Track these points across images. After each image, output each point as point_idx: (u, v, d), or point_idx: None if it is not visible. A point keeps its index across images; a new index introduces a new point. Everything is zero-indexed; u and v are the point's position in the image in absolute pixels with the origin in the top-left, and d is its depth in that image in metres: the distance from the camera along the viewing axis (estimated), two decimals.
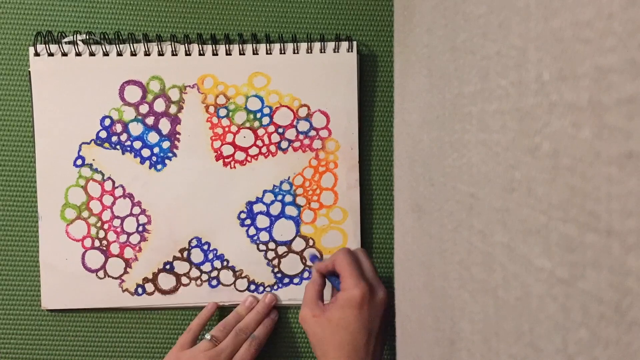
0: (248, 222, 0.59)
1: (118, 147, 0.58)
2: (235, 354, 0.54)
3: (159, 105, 0.58)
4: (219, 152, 0.58)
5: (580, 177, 0.20)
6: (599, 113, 0.19)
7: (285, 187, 0.59)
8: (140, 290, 0.58)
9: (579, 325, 0.20)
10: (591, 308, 0.20)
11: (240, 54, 0.57)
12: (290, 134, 0.58)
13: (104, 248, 0.58)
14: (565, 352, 0.21)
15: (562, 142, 0.21)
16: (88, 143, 0.57)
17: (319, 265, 0.54)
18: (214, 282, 0.59)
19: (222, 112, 0.58)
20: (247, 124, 0.58)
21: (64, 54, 0.57)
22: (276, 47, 0.57)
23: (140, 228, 0.58)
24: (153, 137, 0.58)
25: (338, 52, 0.58)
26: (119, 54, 0.57)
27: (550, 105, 0.22)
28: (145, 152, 0.58)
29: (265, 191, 0.59)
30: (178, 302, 0.59)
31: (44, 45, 0.56)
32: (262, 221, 0.59)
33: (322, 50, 0.57)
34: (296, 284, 0.59)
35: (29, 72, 0.57)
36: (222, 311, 0.60)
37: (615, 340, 0.18)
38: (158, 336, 0.60)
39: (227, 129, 0.58)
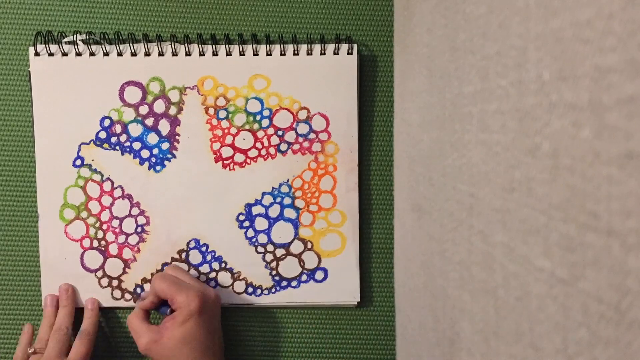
0: (247, 224, 0.59)
1: (117, 147, 0.58)
2: (70, 354, 0.54)
3: (159, 107, 0.58)
4: (218, 154, 0.58)
5: (580, 177, 0.20)
6: (599, 113, 0.19)
7: (284, 189, 0.59)
8: (138, 290, 0.58)
9: (579, 325, 0.21)
10: (591, 308, 0.20)
11: (240, 54, 0.57)
12: (290, 136, 0.58)
13: (103, 248, 0.58)
14: (565, 352, 0.21)
15: (562, 142, 0.21)
16: (87, 143, 0.57)
17: (144, 304, 0.54)
18: (212, 284, 0.59)
19: (222, 113, 0.58)
20: (247, 126, 0.58)
21: (64, 54, 0.57)
22: (276, 48, 0.57)
23: (139, 229, 0.58)
24: (152, 138, 0.58)
25: (338, 54, 0.58)
26: (119, 54, 0.57)
27: (550, 105, 0.22)
28: (145, 153, 0.58)
29: (264, 193, 0.59)
30: None
31: (44, 45, 0.56)
32: (261, 223, 0.59)
33: (322, 52, 0.57)
34: (294, 287, 0.59)
35: (29, 72, 0.57)
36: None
37: (615, 340, 0.18)
38: None
39: (226, 131, 0.58)
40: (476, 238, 0.31)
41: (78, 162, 0.57)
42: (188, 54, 0.57)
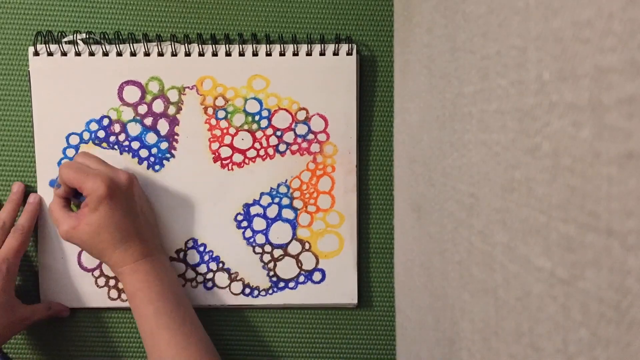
0: (245, 224, 0.59)
1: (116, 147, 0.58)
2: (3, 245, 0.53)
3: (158, 106, 0.58)
4: (216, 154, 0.58)
5: (580, 177, 0.20)
6: (599, 113, 0.19)
7: (283, 190, 0.59)
8: None
9: (579, 325, 0.21)
10: (591, 308, 0.20)
11: (240, 54, 0.57)
12: (289, 137, 0.58)
13: None
14: (565, 352, 0.22)
15: (562, 142, 0.21)
16: (86, 142, 0.57)
17: (59, 192, 0.54)
18: (209, 284, 0.59)
19: (221, 114, 0.58)
20: (246, 127, 0.58)
21: (64, 54, 0.57)
22: (276, 48, 0.58)
23: None
24: (151, 138, 0.58)
25: (338, 55, 0.58)
26: (119, 54, 0.57)
27: (550, 105, 0.22)
28: (143, 153, 0.58)
29: (262, 194, 0.59)
30: None
31: (43, 45, 0.56)
32: (259, 224, 0.59)
33: (322, 53, 0.58)
34: (292, 288, 0.59)
35: (29, 71, 0.57)
36: (216, 312, 0.60)
37: (616, 340, 0.18)
38: None
39: (225, 131, 0.58)
40: (476, 238, 0.32)
41: None
42: (187, 54, 0.57)
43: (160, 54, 0.57)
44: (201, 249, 0.59)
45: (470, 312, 0.33)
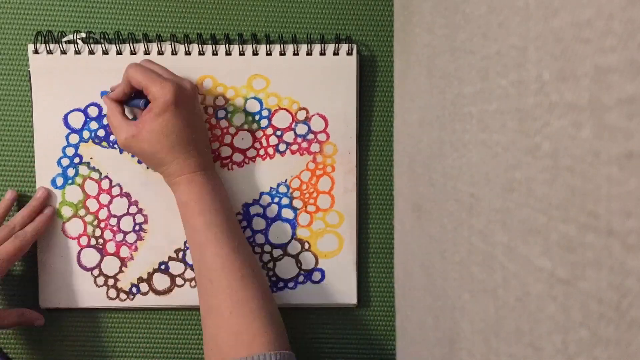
0: (244, 224, 0.59)
1: (116, 146, 0.58)
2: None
3: None
4: (216, 154, 0.58)
5: (580, 177, 0.20)
6: (599, 113, 0.19)
7: (282, 189, 0.59)
8: (134, 290, 0.58)
9: (579, 325, 0.21)
10: (591, 308, 0.20)
11: (240, 54, 0.57)
12: (288, 136, 0.59)
13: (100, 246, 0.58)
14: (566, 352, 0.22)
15: (562, 142, 0.21)
16: (86, 141, 0.57)
17: (116, 94, 0.54)
18: None
19: (221, 113, 0.58)
20: (246, 126, 0.58)
21: (64, 53, 0.57)
22: (276, 48, 0.58)
23: (137, 227, 0.58)
24: None
25: (338, 55, 0.58)
26: (119, 53, 0.57)
27: (550, 105, 0.22)
28: None
29: (262, 193, 0.59)
30: (172, 303, 0.59)
31: (44, 45, 0.56)
32: (258, 223, 0.59)
33: (322, 53, 0.58)
34: (291, 288, 0.59)
35: (29, 71, 0.57)
36: None
37: (616, 340, 0.18)
38: (151, 336, 0.60)
39: (225, 131, 0.58)
40: (476, 238, 0.32)
41: (77, 159, 0.58)
42: (188, 54, 0.57)
43: (160, 53, 0.57)
44: None
45: (470, 312, 0.33)
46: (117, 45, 0.57)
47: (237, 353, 0.46)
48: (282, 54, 0.57)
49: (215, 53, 0.57)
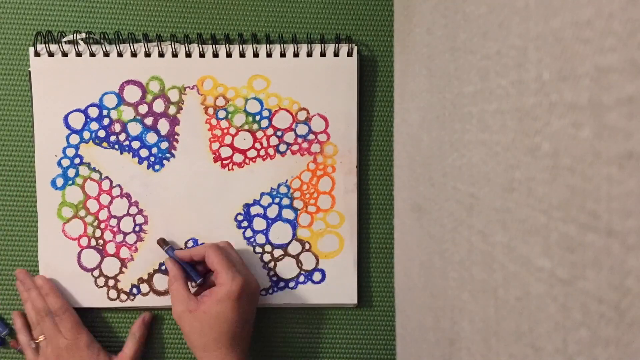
0: (245, 224, 0.59)
1: (116, 146, 0.58)
2: (47, 338, 0.55)
3: (158, 106, 0.58)
4: (217, 154, 0.58)
5: (580, 177, 0.20)
6: (599, 113, 0.19)
7: (283, 190, 0.59)
8: (135, 290, 0.58)
9: (579, 325, 0.21)
10: (591, 308, 0.20)
11: (240, 55, 0.57)
12: (289, 137, 0.59)
13: (100, 247, 0.58)
14: (565, 351, 0.22)
15: (562, 142, 0.21)
16: (86, 142, 0.57)
17: (182, 253, 0.55)
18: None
19: (221, 113, 0.58)
20: (246, 127, 0.58)
21: (64, 54, 0.57)
22: (276, 49, 0.58)
23: (137, 228, 0.58)
24: (152, 138, 0.58)
25: (338, 56, 0.58)
26: (119, 54, 0.57)
27: (550, 105, 0.22)
28: (144, 152, 0.58)
29: (262, 194, 0.59)
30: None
31: (44, 45, 0.56)
32: (259, 224, 0.59)
33: (322, 54, 0.58)
34: (292, 288, 0.59)
35: (29, 72, 0.57)
36: None
37: (615, 340, 0.18)
38: (152, 337, 0.60)
39: (225, 131, 0.58)
40: (476, 238, 0.32)
41: (77, 160, 0.58)
42: (188, 55, 0.57)
43: (161, 55, 0.57)
44: None
45: (470, 312, 0.33)
46: (117, 45, 0.57)
47: None
48: (283, 55, 0.57)
49: (215, 54, 0.57)
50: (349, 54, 0.57)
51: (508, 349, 0.27)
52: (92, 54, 0.57)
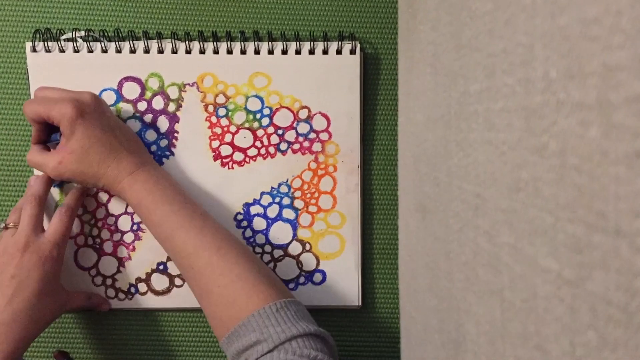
0: (245, 224, 0.59)
1: None
2: (49, 228, 0.53)
3: (158, 103, 0.58)
4: (217, 152, 0.58)
5: (587, 177, 0.20)
6: (607, 112, 0.19)
7: (284, 189, 0.59)
8: (133, 290, 0.59)
9: (586, 327, 0.21)
10: (599, 310, 0.20)
11: (241, 52, 0.58)
12: (290, 135, 0.59)
13: (97, 246, 0.58)
14: (573, 354, 0.22)
15: (570, 141, 0.22)
16: None
17: (32, 138, 0.54)
18: None
19: (222, 111, 0.58)
20: (247, 125, 0.58)
21: (62, 51, 0.57)
22: (278, 46, 0.58)
23: (135, 227, 0.58)
24: (151, 135, 0.58)
25: (341, 53, 0.58)
26: (118, 50, 0.57)
27: (557, 103, 0.23)
28: None
29: (262, 193, 0.59)
30: (171, 304, 0.59)
31: (42, 43, 0.57)
32: (259, 223, 0.59)
33: (325, 51, 0.58)
34: (291, 289, 0.59)
35: (27, 69, 0.57)
36: None
37: (624, 343, 0.19)
38: (150, 337, 0.60)
39: (226, 129, 0.58)
40: (482, 239, 0.32)
41: None
42: (188, 51, 0.57)
43: (160, 51, 0.57)
44: None
45: (476, 314, 0.33)
46: (117, 43, 0.57)
47: (238, 320, 0.46)
48: (284, 52, 0.58)
49: (216, 51, 0.58)
50: (352, 52, 0.58)
51: (514, 352, 0.27)
52: (90, 50, 0.57)
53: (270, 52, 0.58)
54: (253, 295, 0.47)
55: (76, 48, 0.57)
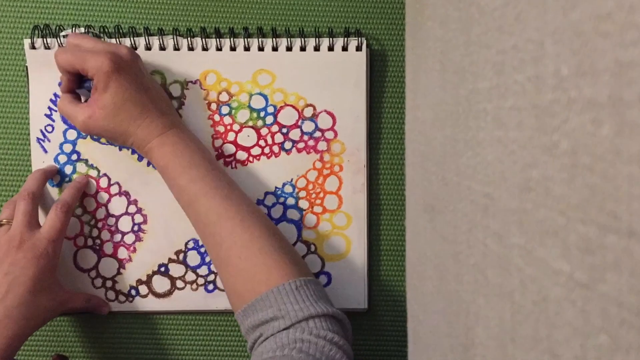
0: None
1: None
2: (44, 225, 0.53)
3: None
4: (220, 151, 0.58)
5: (600, 176, 0.20)
6: (620, 109, 0.19)
7: (288, 189, 0.59)
8: (133, 292, 0.59)
9: (598, 330, 0.21)
10: (611, 313, 0.20)
11: (245, 49, 0.58)
12: (295, 134, 0.59)
13: (97, 247, 0.59)
14: (584, 358, 0.22)
15: (581, 140, 0.22)
16: (84, 137, 0.58)
17: (63, 87, 0.54)
18: (210, 287, 0.59)
19: (225, 109, 0.58)
20: (250, 123, 0.59)
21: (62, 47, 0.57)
22: (282, 43, 0.58)
23: (136, 227, 0.59)
24: None
25: (347, 50, 0.58)
26: None
27: (568, 101, 0.23)
28: None
29: (266, 193, 0.59)
30: (173, 307, 0.59)
31: (41, 39, 0.57)
32: None
33: (331, 48, 0.58)
34: None
35: (26, 65, 0.57)
36: (217, 316, 0.60)
37: (637, 346, 0.19)
38: (151, 341, 0.60)
39: (229, 127, 0.59)
40: (491, 240, 0.32)
41: (74, 156, 0.58)
42: (190, 48, 0.58)
43: (162, 48, 0.57)
44: (202, 250, 0.59)
45: (485, 317, 0.33)
46: (117, 39, 0.57)
47: (257, 294, 0.46)
48: (289, 49, 0.58)
49: (219, 48, 0.58)
50: (358, 48, 0.58)
51: (525, 356, 0.27)
52: None
53: (275, 48, 0.58)
54: (273, 270, 0.47)
55: None
